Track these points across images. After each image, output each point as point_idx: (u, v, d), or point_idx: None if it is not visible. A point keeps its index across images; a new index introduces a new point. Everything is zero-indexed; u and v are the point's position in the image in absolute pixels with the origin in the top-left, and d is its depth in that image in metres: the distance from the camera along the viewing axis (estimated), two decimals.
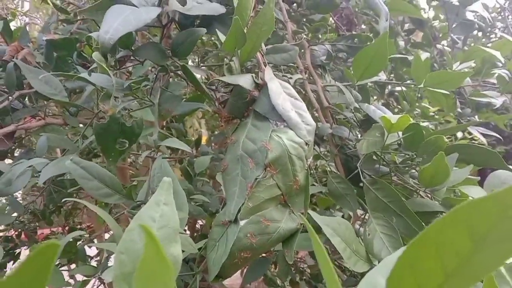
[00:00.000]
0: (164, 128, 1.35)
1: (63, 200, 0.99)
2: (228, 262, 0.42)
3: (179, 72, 0.56)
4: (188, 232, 1.65)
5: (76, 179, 0.47)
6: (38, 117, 1.00)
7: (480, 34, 1.52)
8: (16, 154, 1.16)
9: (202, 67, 0.67)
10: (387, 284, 0.20)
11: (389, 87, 1.50)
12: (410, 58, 1.32)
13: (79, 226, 1.89)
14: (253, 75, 0.50)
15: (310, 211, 0.50)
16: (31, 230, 1.56)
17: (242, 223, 0.43)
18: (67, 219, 1.78)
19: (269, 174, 0.44)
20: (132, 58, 0.51)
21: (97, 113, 0.70)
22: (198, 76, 0.51)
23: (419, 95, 1.45)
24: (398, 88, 1.47)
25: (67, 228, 1.76)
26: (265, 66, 0.51)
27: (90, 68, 0.50)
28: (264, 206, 0.45)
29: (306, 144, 0.47)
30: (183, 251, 0.53)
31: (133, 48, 0.53)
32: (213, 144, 1.79)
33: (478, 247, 0.18)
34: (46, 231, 1.72)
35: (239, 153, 0.46)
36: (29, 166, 0.69)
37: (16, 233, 1.61)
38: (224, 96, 0.50)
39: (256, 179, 0.44)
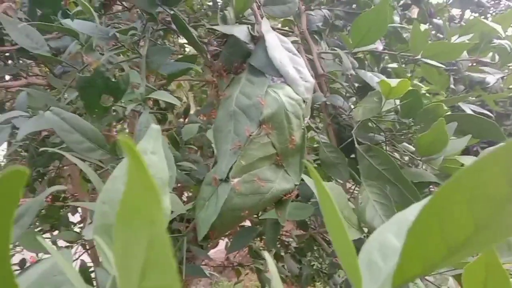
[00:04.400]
0: (151, 100, 1.31)
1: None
2: (218, 222, 0.40)
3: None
4: None
5: (56, 132, 0.44)
6: (19, 78, 0.96)
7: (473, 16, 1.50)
8: None
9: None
10: (408, 236, 0.17)
11: (381, 64, 1.48)
12: (405, 35, 1.30)
13: (63, 195, 1.86)
14: (249, 26, 0.47)
15: (302, 175, 0.48)
16: None
17: (233, 181, 0.41)
18: (50, 187, 1.74)
19: (263, 131, 0.42)
20: (118, 3, 0.47)
21: (81, 69, 0.66)
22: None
23: (411, 73, 1.43)
24: (390, 65, 1.45)
25: (50, 196, 1.73)
26: (261, 18, 0.48)
27: (74, 11, 0.46)
28: (257, 165, 0.42)
29: (304, 101, 0.44)
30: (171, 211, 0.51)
31: None
32: (201, 116, 1.76)
33: None
34: (29, 199, 1.69)
35: (232, 109, 0.43)
36: (8, 123, 0.66)
37: None
38: (217, 50, 0.47)
39: (250, 136, 0.42)
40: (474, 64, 0.98)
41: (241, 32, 0.45)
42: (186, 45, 1.72)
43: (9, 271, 0.16)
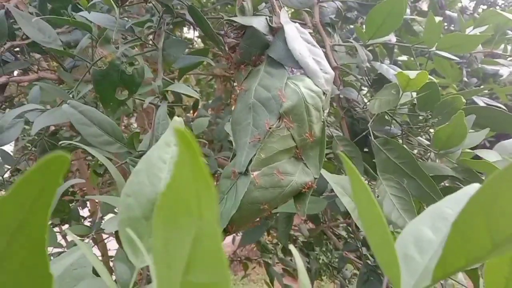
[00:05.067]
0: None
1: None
2: (237, 216, 0.40)
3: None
4: None
5: (74, 125, 0.43)
6: (31, 72, 0.95)
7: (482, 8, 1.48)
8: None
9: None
10: (452, 228, 0.17)
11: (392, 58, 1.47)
12: (415, 27, 1.29)
13: (71, 189, 1.87)
14: (267, 17, 0.47)
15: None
16: None
17: (253, 174, 0.41)
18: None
19: (283, 124, 0.41)
20: None
21: (94, 62, 0.66)
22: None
23: (420, 67, 1.42)
24: (400, 58, 1.43)
25: None
26: (279, 9, 0.47)
27: (90, 3, 0.46)
28: (277, 158, 0.42)
29: (324, 93, 0.44)
30: None
31: None
32: (209, 109, 1.76)
33: None
34: None
35: (251, 101, 0.43)
36: (21, 117, 0.66)
37: None
38: (234, 42, 0.47)
39: (270, 128, 0.41)
40: (491, 54, 0.97)
41: (259, 23, 0.45)
42: (194, 39, 1.71)
43: (45, 261, 0.16)
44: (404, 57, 1.34)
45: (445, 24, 1.31)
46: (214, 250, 0.13)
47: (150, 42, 0.50)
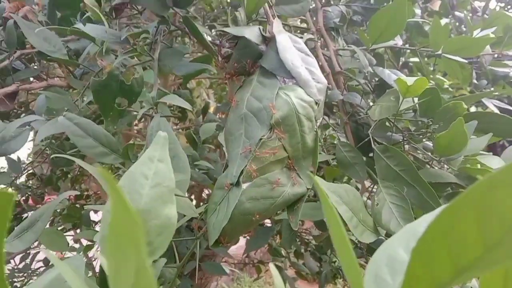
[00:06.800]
0: None
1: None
2: (228, 227, 0.40)
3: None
4: (194, 201, 1.64)
5: (69, 137, 0.44)
6: (41, 79, 0.97)
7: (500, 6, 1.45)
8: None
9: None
10: (413, 254, 0.17)
11: (403, 58, 1.45)
12: (426, 28, 1.27)
13: (86, 193, 1.89)
14: (261, 27, 0.47)
15: (315, 177, 0.47)
16: (38, 195, 1.56)
17: (244, 186, 0.41)
18: (73, 185, 1.78)
19: (274, 134, 0.41)
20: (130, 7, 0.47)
21: (97, 72, 0.67)
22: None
23: (433, 67, 1.40)
24: (412, 60, 1.42)
25: (73, 195, 1.76)
26: (273, 18, 0.47)
27: (84, 16, 0.46)
28: (268, 169, 0.42)
29: (316, 103, 0.43)
30: (184, 215, 0.51)
31: None
32: (219, 113, 1.76)
33: None
34: (54, 197, 1.72)
35: (243, 112, 0.43)
36: (27, 126, 0.67)
37: (24, 198, 1.61)
38: (229, 51, 0.47)
39: (261, 139, 0.41)
40: (500, 56, 0.95)
41: (252, 33, 0.44)
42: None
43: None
44: (416, 58, 1.33)
45: (457, 24, 1.28)
46: (148, 283, 0.13)
47: (147, 53, 0.50)
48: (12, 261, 1.39)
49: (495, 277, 0.27)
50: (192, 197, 1.67)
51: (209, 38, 0.73)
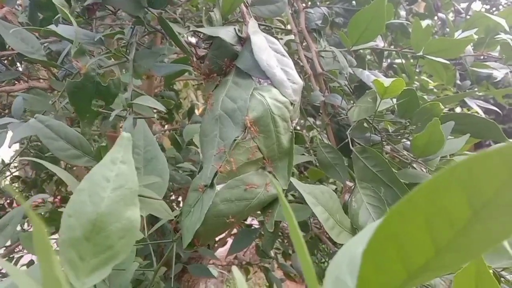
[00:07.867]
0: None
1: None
2: (202, 229, 0.39)
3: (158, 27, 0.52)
4: (182, 204, 1.63)
5: (41, 139, 0.43)
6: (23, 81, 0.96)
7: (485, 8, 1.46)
8: None
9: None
10: (363, 257, 0.16)
11: (389, 60, 1.46)
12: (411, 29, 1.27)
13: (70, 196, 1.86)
14: (236, 27, 0.46)
15: (291, 178, 0.46)
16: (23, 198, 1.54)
17: (218, 187, 0.40)
18: (59, 187, 1.76)
19: (248, 135, 0.41)
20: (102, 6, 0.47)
21: (75, 74, 0.66)
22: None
23: (418, 69, 1.41)
24: (397, 61, 1.42)
25: (58, 197, 1.74)
26: (249, 18, 0.47)
27: (56, 17, 0.46)
28: (243, 170, 0.41)
29: (292, 104, 0.43)
30: (160, 218, 0.50)
31: None
32: None
33: (478, 216, 0.15)
34: (40, 200, 1.70)
35: (217, 113, 0.42)
36: (4, 128, 0.66)
37: (8, 201, 1.58)
38: (204, 52, 0.46)
39: (235, 140, 0.41)
40: (485, 57, 0.96)
41: (227, 33, 0.44)
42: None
43: None
44: (400, 60, 1.33)
45: (440, 25, 1.30)
46: None
47: (122, 53, 0.50)
48: None
49: (467, 276, 0.27)
50: (180, 198, 1.66)
51: (192, 39, 0.72)
